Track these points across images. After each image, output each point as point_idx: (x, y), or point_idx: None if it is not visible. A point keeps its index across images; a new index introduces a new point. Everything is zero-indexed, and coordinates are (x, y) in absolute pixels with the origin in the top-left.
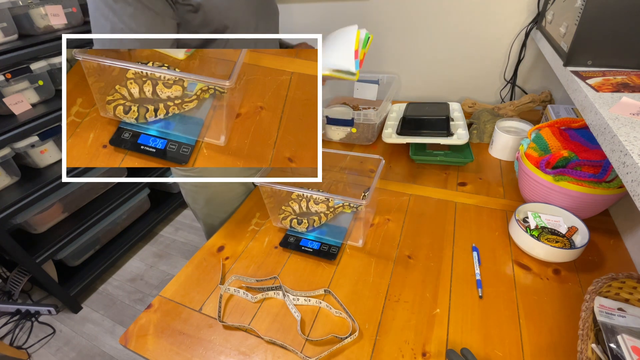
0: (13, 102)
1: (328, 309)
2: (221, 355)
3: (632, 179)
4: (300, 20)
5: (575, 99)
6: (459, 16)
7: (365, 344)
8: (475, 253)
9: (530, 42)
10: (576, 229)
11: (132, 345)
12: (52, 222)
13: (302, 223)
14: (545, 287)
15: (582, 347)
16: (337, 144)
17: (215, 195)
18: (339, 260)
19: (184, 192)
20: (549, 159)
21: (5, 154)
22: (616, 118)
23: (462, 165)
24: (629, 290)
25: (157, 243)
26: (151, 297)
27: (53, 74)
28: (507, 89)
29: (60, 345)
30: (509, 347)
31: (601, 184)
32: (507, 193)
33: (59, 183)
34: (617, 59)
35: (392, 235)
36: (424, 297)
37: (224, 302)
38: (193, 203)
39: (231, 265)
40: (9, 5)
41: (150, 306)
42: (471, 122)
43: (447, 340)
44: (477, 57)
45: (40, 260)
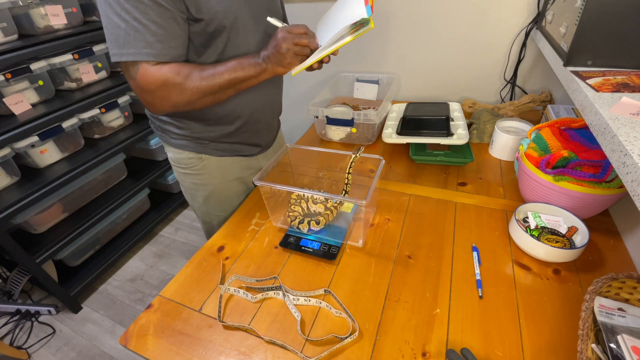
0: (13, 102)
1: (328, 309)
2: (221, 355)
3: (632, 179)
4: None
5: (575, 99)
6: (459, 16)
7: (365, 344)
8: (475, 253)
9: (530, 42)
10: (576, 229)
11: (132, 345)
12: (52, 222)
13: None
14: (545, 287)
15: (582, 347)
16: (337, 144)
17: (213, 193)
18: (339, 260)
19: (184, 190)
20: (549, 159)
21: (5, 154)
22: (616, 118)
23: (462, 165)
24: (629, 290)
25: (157, 243)
26: (151, 297)
27: (53, 74)
28: (507, 89)
29: (60, 345)
30: (509, 347)
31: (601, 184)
32: (507, 193)
33: (59, 183)
34: (617, 59)
35: (392, 235)
36: (424, 297)
37: (224, 302)
38: (192, 201)
39: (231, 265)
40: (9, 5)
41: (150, 306)
42: (471, 122)
43: (447, 340)
44: (477, 57)
45: (40, 260)
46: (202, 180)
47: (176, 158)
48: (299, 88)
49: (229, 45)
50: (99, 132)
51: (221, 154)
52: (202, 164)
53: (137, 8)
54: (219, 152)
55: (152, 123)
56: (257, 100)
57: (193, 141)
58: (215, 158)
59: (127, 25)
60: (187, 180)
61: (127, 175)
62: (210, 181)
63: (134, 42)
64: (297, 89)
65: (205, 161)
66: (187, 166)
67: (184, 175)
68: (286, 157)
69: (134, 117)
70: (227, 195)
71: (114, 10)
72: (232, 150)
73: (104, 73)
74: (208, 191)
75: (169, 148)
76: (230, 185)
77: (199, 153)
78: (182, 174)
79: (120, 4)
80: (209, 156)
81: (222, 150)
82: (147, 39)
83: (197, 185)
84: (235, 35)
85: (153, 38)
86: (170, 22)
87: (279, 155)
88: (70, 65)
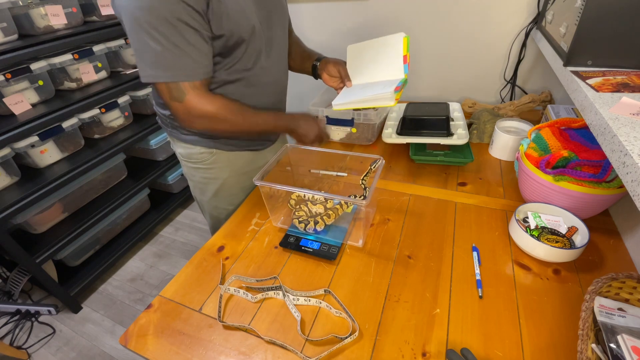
0: (13, 102)
1: (328, 309)
2: (221, 355)
3: (632, 179)
4: (305, 20)
5: (575, 99)
6: (459, 16)
7: (365, 344)
8: (475, 253)
9: (530, 42)
10: (576, 229)
11: (132, 345)
12: (52, 222)
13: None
14: (545, 287)
15: (582, 347)
16: (337, 144)
17: (223, 186)
18: (339, 260)
19: (193, 185)
20: (549, 159)
21: (5, 154)
22: (616, 118)
23: (462, 165)
24: (629, 290)
25: (157, 243)
26: (151, 297)
27: (53, 74)
28: (507, 89)
29: (60, 345)
30: (509, 347)
31: (601, 184)
32: (507, 193)
33: (59, 183)
34: (617, 59)
35: (392, 235)
36: (424, 297)
37: (224, 302)
38: (201, 195)
39: (231, 265)
40: (9, 5)
41: (150, 306)
42: (471, 122)
43: (447, 340)
44: (477, 57)
45: (40, 260)
46: (213, 174)
47: (187, 153)
48: (299, 88)
49: (246, 54)
50: (99, 132)
51: (232, 148)
52: (213, 159)
53: (172, 31)
54: (230, 146)
55: (161, 119)
56: (270, 95)
57: (204, 136)
58: (226, 152)
59: (164, 48)
60: (197, 175)
61: (127, 175)
62: (221, 175)
63: (172, 63)
64: (297, 89)
65: (216, 155)
66: (199, 161)
67: (195, 170)
68: (286, 157)
69: (134, 117)
70: (237, 189)
71: (149, 34)
72: (243, 144)
73: (104, 73)
74: (218, 185)
75: (179, 144)
76: (240, 179)
77: (210, 148)
78: (193, 169)
79: (154, 27)
80: (220, 150)
81: (233, 145)
82: (185, 61)
83: (208, 180)
84: (252, 43)
85: (189, 59)
86: (200, 42)
87: (279, 155)
88: (70, 65)
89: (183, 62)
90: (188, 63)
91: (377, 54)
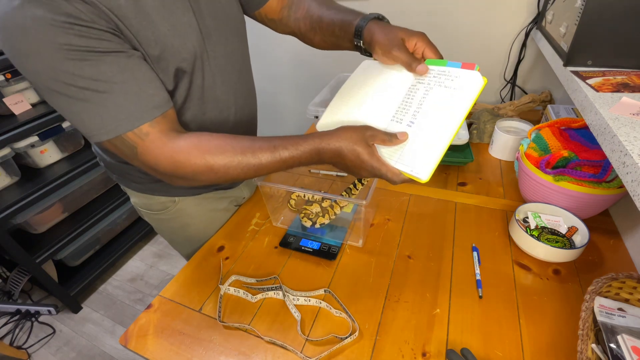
0: (13, 102)
1: (328, 309)
2: (221, 355)
3: (632, 179)
4: None
5: (575, 99)
6: (459, 16)
7: (365, 344)
8: (475, 253)
9: (530, 42)
10: (576, 229)
11: (132, 345)
12: (52, 222)
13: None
14: (545, 287)
15: (582, 347)
16: None
17: (196, 231)
18: (339, 260)
19: (160, 233)
20: (549, 159)
21: (5, 154)
22: (616, 118)
23: (462, 165)
24: (629, 290)
25: (157, 243)
26: (151, 297)
27: None
28: (507, 89)
29: (60, 345)
30: (509, 347)
31: (601, 184)
32: (507, 193)
33: (59, 183)
34: (617, 59)
35: (392, 235)
36: (424, 297)
37: (224, 302)
38: (172, 242)
39: (231, 265)
40: None
41: (150, 306)
42: (471, 122)
43: (447, 340)
44: (477, 57)
45: (40, 260)
46: (180, 223)
47: (143, 204)
48: (298, 88)
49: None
50: None
51: (198, 191)
52: (176, 207)
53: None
54: (195, 189)
55: (104, 162)
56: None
57: (161, 183)
58: (192, 197)
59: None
60: (163, 225)
61: None
62: (191, 221)
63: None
64: (297, 89)
65: (181, 203)
66: (160, 210)
67: (159, 221)
68: None
69: None
70: (212, 228)
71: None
72: (209, 186)
73: None
74: (190, 232)
75: (132, 192)
76: (215, 216)
77: (171, 196)
78: (156, 219)
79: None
80: (184, 197)
81: (197, 187)
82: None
83: (175, 229)
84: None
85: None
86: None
87: None
88: None
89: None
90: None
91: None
